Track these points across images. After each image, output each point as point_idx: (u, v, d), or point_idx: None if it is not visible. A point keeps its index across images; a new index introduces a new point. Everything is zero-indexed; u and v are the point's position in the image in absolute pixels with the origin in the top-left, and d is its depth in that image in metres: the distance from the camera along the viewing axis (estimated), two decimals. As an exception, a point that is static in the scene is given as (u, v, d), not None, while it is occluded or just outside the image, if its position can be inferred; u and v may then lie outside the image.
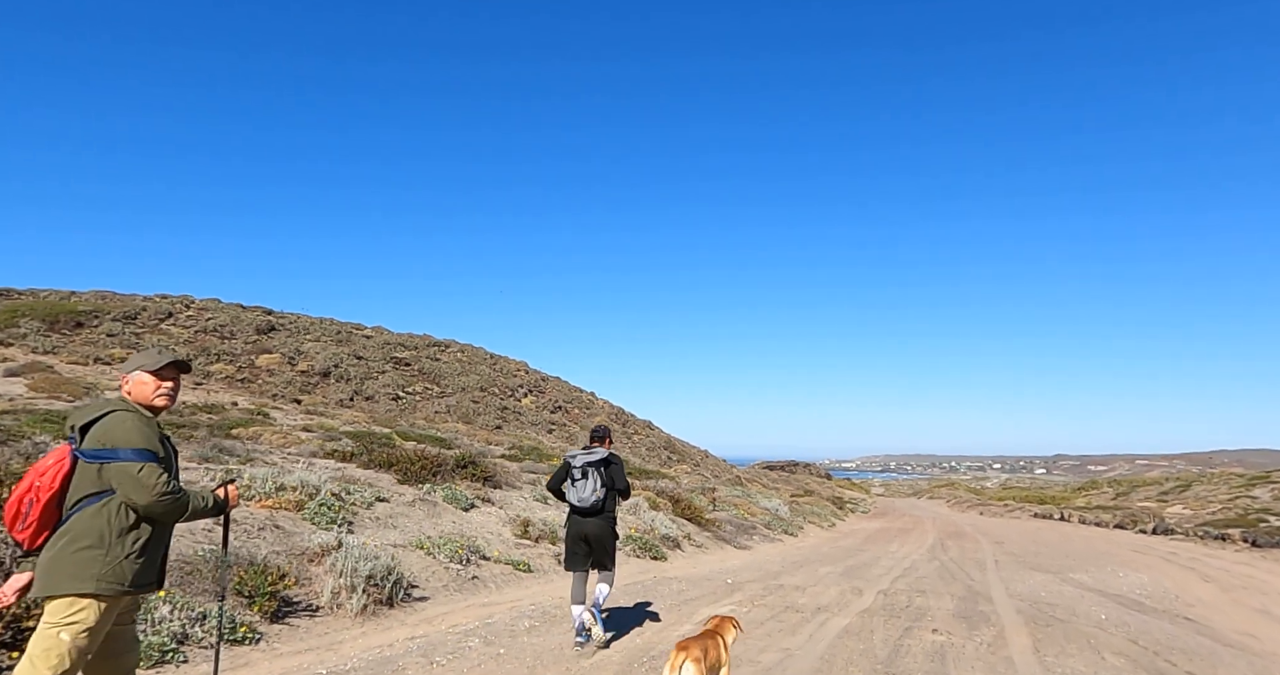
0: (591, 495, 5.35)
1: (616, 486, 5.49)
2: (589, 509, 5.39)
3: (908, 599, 8.48)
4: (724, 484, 28.54)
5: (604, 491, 5.38)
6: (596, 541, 5.43)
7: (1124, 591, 10.10)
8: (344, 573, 5.65)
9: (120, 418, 2.55)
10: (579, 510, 5.42)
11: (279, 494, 7.27)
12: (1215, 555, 17.39)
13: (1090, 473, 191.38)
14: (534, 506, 11.93)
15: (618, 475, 5.50)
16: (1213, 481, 52.36)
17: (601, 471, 5.41)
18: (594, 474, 5.39)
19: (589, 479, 5.38)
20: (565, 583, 8.33)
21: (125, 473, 2.48)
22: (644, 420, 37.91)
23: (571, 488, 5.47)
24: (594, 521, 5.43)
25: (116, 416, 2.55)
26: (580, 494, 5.39)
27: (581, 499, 5.38)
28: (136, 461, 2.49)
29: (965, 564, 13.58)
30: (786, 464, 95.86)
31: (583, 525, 5.44)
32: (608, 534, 5.48)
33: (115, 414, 2.56)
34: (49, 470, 2.47)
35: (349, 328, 32.51)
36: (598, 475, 5.39)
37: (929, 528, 25.45)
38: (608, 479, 5.42)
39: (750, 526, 17.55)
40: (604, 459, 5.46)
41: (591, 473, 5.40)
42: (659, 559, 11.38)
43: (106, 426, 2.51)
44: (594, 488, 5.36)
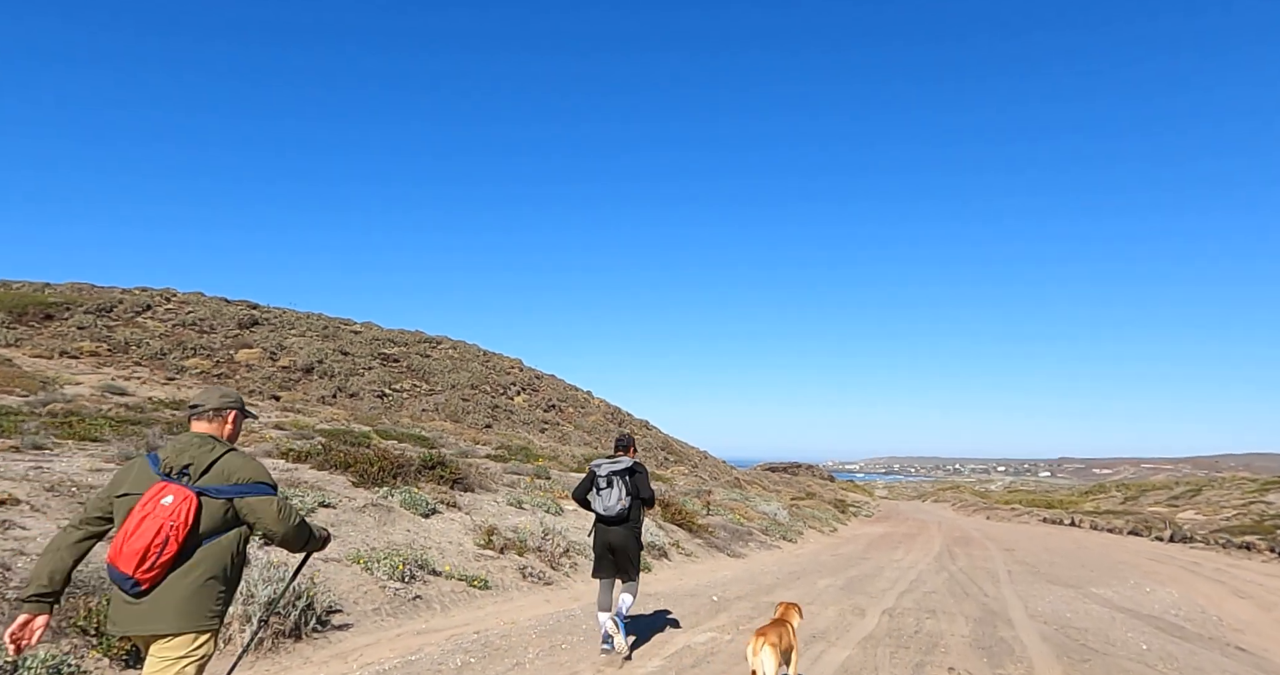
0: (617, 504, 5.40)
1: (642, 495, 5.55)
2: (614, 518, 5.43)
3: (916, 622, 7.46)
4: (722, 486, 27.52)
5: (629, 500, 5.44)
6: (621, 551, 5.49)
7: (1158, 612, 9.06)
8: (237, 596, 4.65)
9: (240, 456, 2.71)
10: (605, 519, 5.47)
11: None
12: (1240, 566, 16.31)
13: (1095, 476, 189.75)
14: (507, 512, 10.94)
15: (643, 484, 5.54)
16: (1224, 486, 51.15)
17: (627, 480, 5.46)
18: (619, 483, 5.44)
19: (615, 488, 5.43)
20: (526, 602, 7.35)
21: (265, 504, 2.67)
22: (641, 420, 36.91)
23: (597, 497, 5.50)
24: (619, 530, 5.48)
25: (235, 455, 2.71)
26: (606, 503, 5.43)
27: (607, 508, 5.42)
28: (273, 495, 2.70)
29: (977, 575, 12.54)
30: (789, 466, 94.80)
31: (608, 534, 5.50)
32: (632, 543, 5.54)
33: (232, 454, 2.71)
34: (177, 510, 2.51)
35: (336, 323, 31.57)
36: (623, 484, 5.44)
37: (935, 533, 24.38)
38: (633, 488, 5.48)
39: (746, 532, 16.53)
40: (629, 468, 5.50)
41: (617, 481, 5.44)
42: (642, 570, 10.37)
43: (232, 465, 2.66)
44: (619, 497, 5.41)
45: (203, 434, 2.73)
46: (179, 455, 2.64)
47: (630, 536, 5.51)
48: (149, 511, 2.50)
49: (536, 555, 8.94)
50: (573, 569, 9.19)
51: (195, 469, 2.61)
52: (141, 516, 2.49)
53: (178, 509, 2.51)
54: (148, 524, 2.48)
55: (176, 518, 2.50)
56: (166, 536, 2.48)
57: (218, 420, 2.80)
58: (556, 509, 12.04)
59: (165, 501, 2.51)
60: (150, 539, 2.47)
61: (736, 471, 38.91)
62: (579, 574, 9.15)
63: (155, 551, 2.47)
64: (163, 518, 2.48)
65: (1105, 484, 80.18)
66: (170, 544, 2.49)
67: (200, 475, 2.61)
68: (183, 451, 2.65)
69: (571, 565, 9.27)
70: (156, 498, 2.53)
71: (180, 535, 2.51)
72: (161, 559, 2.48)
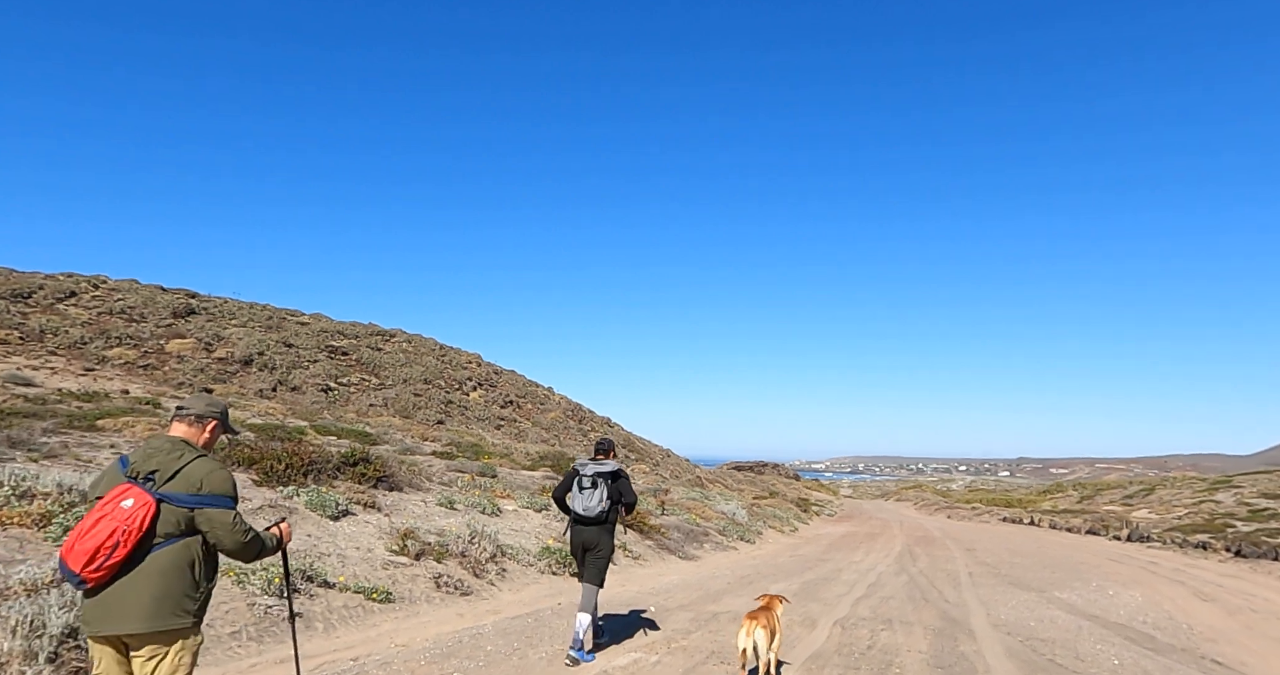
0: (597, 505, 5.44)
1: (625, 500, 5.63)
2: (593, 519, 5.46)
3: (870, 634, 6.77)
4: (682, 485, 26.82)
5: (609, 504, 5.48)
6: (592, 548, 5.52)
7: (1125, 618, 8.53)
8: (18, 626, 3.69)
9: (208, 463, 2.72)
10: (581, 519, 5.50)
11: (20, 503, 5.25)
12: (1199, 566, 16.13)
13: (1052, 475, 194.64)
14: (434, 513, 10.01)
15: (626, 489, 5.62)
16: (1175, 485, 52.22)
17: (610, 484, 5.50)
18: (603, 485, 5.47)
19: (598, 489, 5.46)
20: (433, 617, 6.45)
21: (221, 517, 2.67)
22: (603, 417, 36.04)
23: (578, 496, 5.51)
24: (593, 530, 5.51)
25: (203, 462, 2.71)
26: (586, 503, 5.46)
27: (587, 508, 5.44)
28: (230, 508, 2.70)
29: (937, 578, 11.99)
30: (755, 465, 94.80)
31: (581, 533, 5.53)
32: (605, 541, 5.55)
33: (201, 461, 2.71)
34: (134, 514, 2.53)
35: (282, 314, 30.04)
36: (606, 487, 5.47)
37: (896, 533, 24.01)
38: (615, 492, 5.53)
39: (702, 533, 15.81)
40: (615, 472, 5.56)
41: (601, 483, 5.47)
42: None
43: (198, 472, 2.67)
44: (600, 498, 5.45)
45: (176, 439, 2.76)
46: (147, 460, 2.67)
47: (604, 534, 5.53)
48: (106, 513, 2.52)
49: (458, 561, 8.04)
50: (500, 576, 8.32)
51: (161, 475, 2.63)
52: (99, 517, 2.51)
53: (134, 514, 2.53)
54: (103, 525, 2.50)
55: (131, 523, 2.51)
56: (118, 540, 2.49)
57: (197, 426, 2.83)
58: (493, 509, 11.14)
59: (125, 505, 2.54)
60: (102, 540, 2.47)
61: (699, 470, 38.30)
62: (507, 582, 8.28)
63: (105, 553, 2.48)
64: (118, 521, 2.50)
65: (1062, 483, 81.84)
66: (120, 549, 2.50)
67: (165, 481, 2.63)
68: (151, 457, 2.68)
69: (499, 572, 8.40)
70: (117, 500, 2.55)
71: (131, 540, 2.51)
72: (110, 561, 2.49)
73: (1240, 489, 39.56)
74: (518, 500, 12.47)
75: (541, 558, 9.44)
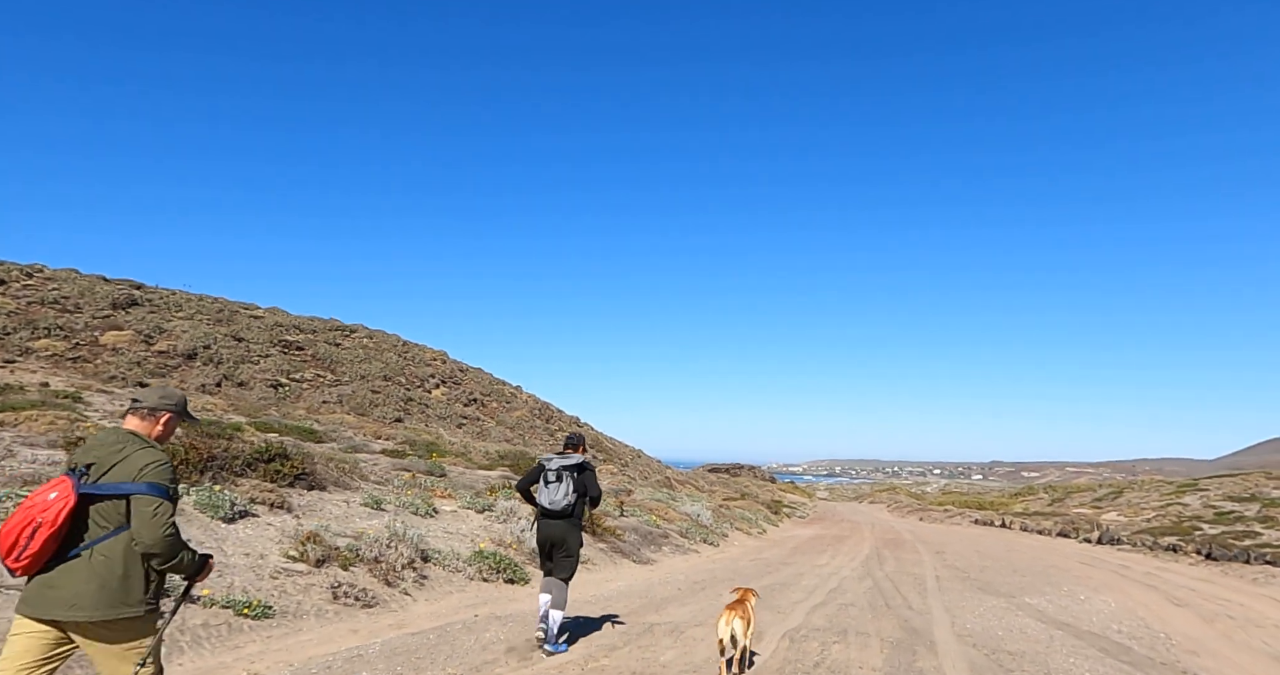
0: (563, 498, 5.48)
1: (590, 493, 5.66)
2: (558, 512, 5.49)
3: (821, 648, 6.04)
4: (649, 486, 26.04)
5: (575, 496, 5.51)
6: (560, 544, 5.56)
7: (1099, 627, 7.91)
8: None
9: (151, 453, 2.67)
10: (548, 513, 5.53)
11: None
12: (1170, 569, 15.73)
13: (1024, 479, 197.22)
14: (355, 514, 9.12)
15: (590, 482, 5.65)
16: (1144, 488, 52.55)
17: (575, 477, 5.54)
18: (568, 478, 5.51)
19: (563, 483, 5.50)
20: (316, 635, 5.59)
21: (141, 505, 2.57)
22: (571, 416, 35.15)
23: (544, 490, 5.56)
24: (560, 524, 5.54)
25: (147, 451, 2.66)
26: (551, 497, 5.49)
27: (553, 501, 5.48)
28: (154, 497, 2.59)
29: (903, 583, 11.34)
30: (731, 467, 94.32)
31: (549, 528, 5.56)
32: (573, 536, 5.59)
33: (145, 451, 2.66)
34: (51, 506, 2.50)
35: (235, 307, 28.72)
36: (571, 480, 5.51)
37: (866, 535, 23.47)
38: (580, 485, 5.55)
39: (661, 535, 15.04)
40: (579, 464, 5.59)
41: (566, 477, 5.52)
42: (516, 582, 8.71)
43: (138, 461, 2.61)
44: (565, 492, 5.49)
45: (124, 431, 2.74)
46: (86, 453, 2.66)
47: (571, 529, 5.54)
48: (33, 503, 2.52)
49: (369, 568, 7.17)
50: (418, 584, 7.46)
51: (96, 469, 2.60)
52: (23, 506, 2.52)
53: (52, 506, 2.50)
54: (18, 515, 2.50)
55: (46, 515, 2.49)
56: (34, 530, 2.47)
57: (150, 419, 2.79)
58: (428, 510, 10.27)
59: (49, 497, 2.52)
60: (19, 531, 2.48)
61: (670, 471, 37.56)
62: (425, 590, 7.43)
63: (22, 543, 2.47)
64: (35, 512, 2.49)
65: (1033, 486, 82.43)
66: (34, 541, 2.47)
67: (102, 474, 2.60)
68: (90, 450, 2.67)
69: (417, 579, 7.54)
70: (46, 491, 2.55)
71: (45, 534, 2.48)
72: (29, 551, 2.48)
73: (1206, 492, 39.80)
74: (459, 500, 11.60)
75: (473, 562, 8.60)
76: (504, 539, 10.00)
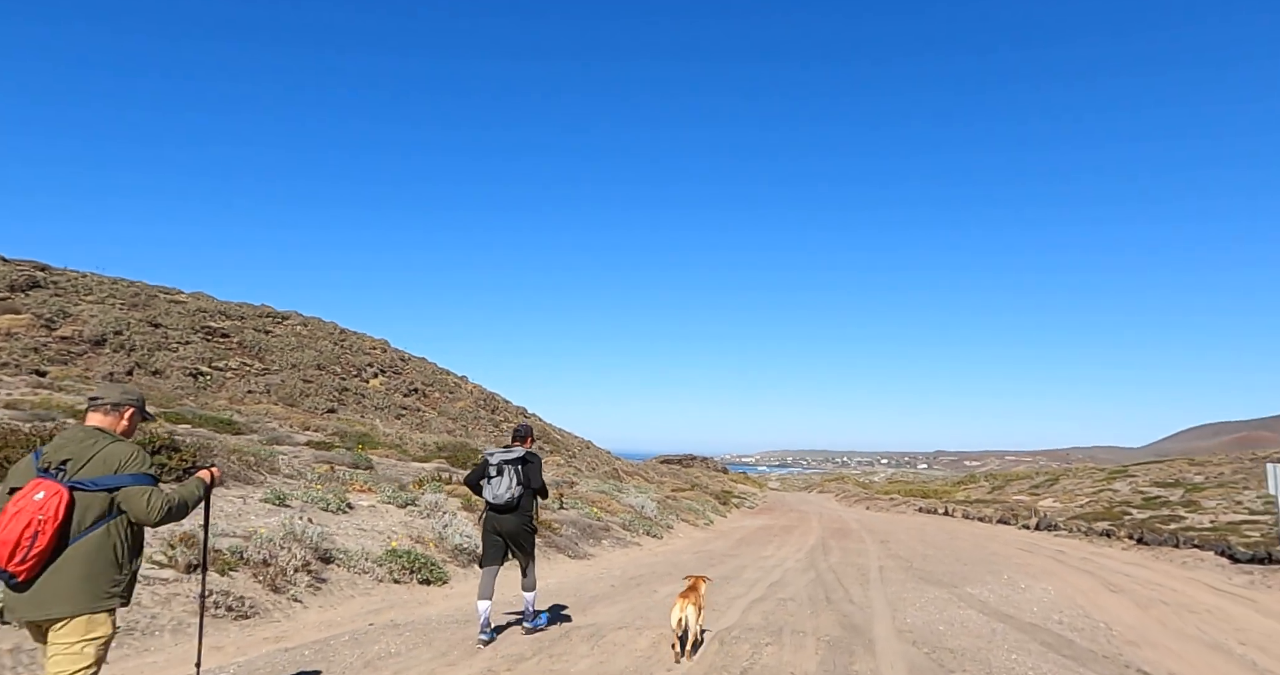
0: (506, 492, 5.48)
1: (533, 485, 5.63)
2: (504, 506, 5.51)
3: (752, 651, 5.55)
4: (596, 477, 25.47)
5: (520, 489, 5.51)
6: (512, 538, 5.60)
7: (1039, 618, 7.68)
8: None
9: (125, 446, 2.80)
10: (494, 507, 5.55)
11: None
12: (1104, 554, 15.97)
13: (967, 467, 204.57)
14: (251, 511, 8.24)
15: (534, 474, 5.63)
16: (1077, 475, 54.58)
17: (519, 469, 5.55)
18: (510, 472, 5.52)
19: (505, 477, 5.51)
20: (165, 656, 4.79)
21: (136, 495, 2.72)
22: (518, 407, 34.26)
23: (488, 485, 5.57)
24: (509, 518, 5.56)
25: (120, 445, 2.79)
26: (495, 491, 5.51)
27: (496, 496, 5.50)
28: (146, 486, 2.75)
29: (846, 575, 11.05)
30: (684, 458, 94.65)
31: (497, 521, 5.57)
32: (523, 530, 5.62)
33: (118, 444, 2.79)
34: (47, 504, 2.56)
35: (153, 291, 26.85)
36: (514, 473, 5.53)
37: (814, 525, 23.43)
38: (524, 477, 5.56)
39: (602, 528, 14.46)
40: (521, 458, 5.59)
41: (509, 470, 5.52)
42: (433, 582, 8.00)
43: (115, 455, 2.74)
44: (509, 486, 5.49)
45: (90, 428, 2.81)
46: (58, 451, 2.71)
47: (521, 524, 5.57)
48: (20, 507, 2.55)
49: (254, 572, 6.36)
50: (313, 589, 6.68)
51: (73, 464, 2.68)
52: (13, 512, 2.54)
53: (47, 504, 2.56)
54: (17, 520, 2.53)
55: (45, 512, 2.55)
56: (36, 531, 2.53)
57: (114, 414, 2.88)
58: (340, 505, 9.43)
59: (36, 497, 2.57)
60: (19, 533, 2.52)
61: (620, 462, 37.06)
62: (322, 595, 6.66)
63: (25, 545, 2.52)
64: (31, 513, 2.54)
65: (975, 474, 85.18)
66: (40, 538, 2.54)
67: (79, 469, 2.68)
68: (62, 447, 2.72)
69: (313, 583, 6.75)
70: (30, 493, 2.59)
71: (50, 529, 2.55)
72: (33, 552, 2.53)
73: (1135, 478, 41.47)
74: (380, 494, 10.77)
75: (384, 562, 7.84)
76: (424, 536, 9.25)
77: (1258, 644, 6.92)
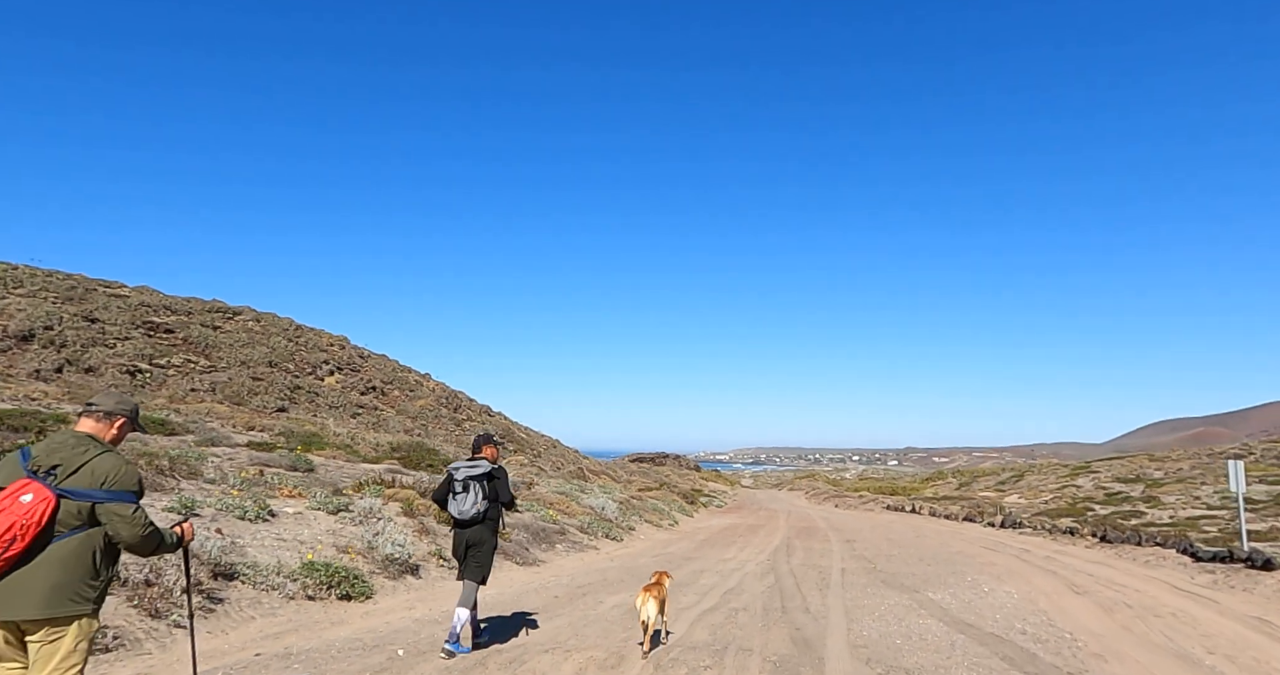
0: (471, 508, 5.47)
1: (501, 500, 5.65)
2: (469, 521, 5.51)
3: (689, 676, 4.99)
4: (560, 477, 24.82)
5: (485, 504, 5.53)
6: (474, 542, 5.54)
7: (1002, 627, 7.27)
8: None
9: (114, 458, 2.81)
10: (460, 523, 5.56)
11: None
12: (1068, 552, 15.80)
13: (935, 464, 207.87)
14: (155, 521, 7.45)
15: (502, 489, 5.62)
16: (1042, 472, 55.34)
17: (484, 485, 5.54)
18: (475, 487, 5.49)
19: (470, 493, 5.49)
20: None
21: (121, 511, 2.74)
22: (482, 405, 33.42)
23: (453, 500, 5.56)
24: (476, 529, 5.55)
25: (109, 457, 2.80)
26: (461, 507, 5.49)
27: (462, 512, 5.49)
28: (131, 503, 2.78)
29: (806, 579, 10.60)
30: (656, 456, 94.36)
31: (463, 534, 5.57)
32: (483, 540, 5.56)
33: (107, 456, 2.79)
34: (35, 508, 2.59)
35: (92, 284, 25.48)
36: (480, 488, 5.51)
37: (780, 524, 23.08)
38: (491, 492, 5.58)
39: (557, 532, 13.86)
40: (487, 473, 5.57)
41: (474, 486, 5.49)
42: (355, 598, 7.31)
43: (103, 467, 2.74)
44: (474, 502, 5.48)
45: (82, 434, 2.84)
46: (49, 455, 2.73)
47: (486, 532, 5.56)
48: (5, 507, 2.56)
49: (131, 594, 5.61)
50: (206, 611, 5.95)
51: (63, 470, 2.69)
52: None
53: (33, 508, 2.58)
54: (1, 519, 2.53)
55: (30, 517, 2.56)
56: (15, 534, 2.54)
57: (105, 422, 2.92)
58: (260, 514, 8.65)
59: (24, 499, 2.59)
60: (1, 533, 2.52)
61: (587, 461, 36.42)
62: (213, 620, 5.94)
63: (3, 546, 2.52)
64: (16, 515, 2.55)
65: (943, 471, 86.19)
66: (19, 541, 2.55)
67: (68, 476, 2.69)
68: (54, 451, 2.75)
69: (206, 603, 6.03)
70: (16, 495, 2.60)
71: (30, 534, 2.56)
72: (8, 554, 2.54)
73: (1097, 474, 42.04)
74: (310, 499, 10.02)
75: (298, 577, 7.13)
76: (351, 545, 8.55)
77: (1225, 652, 6.58)
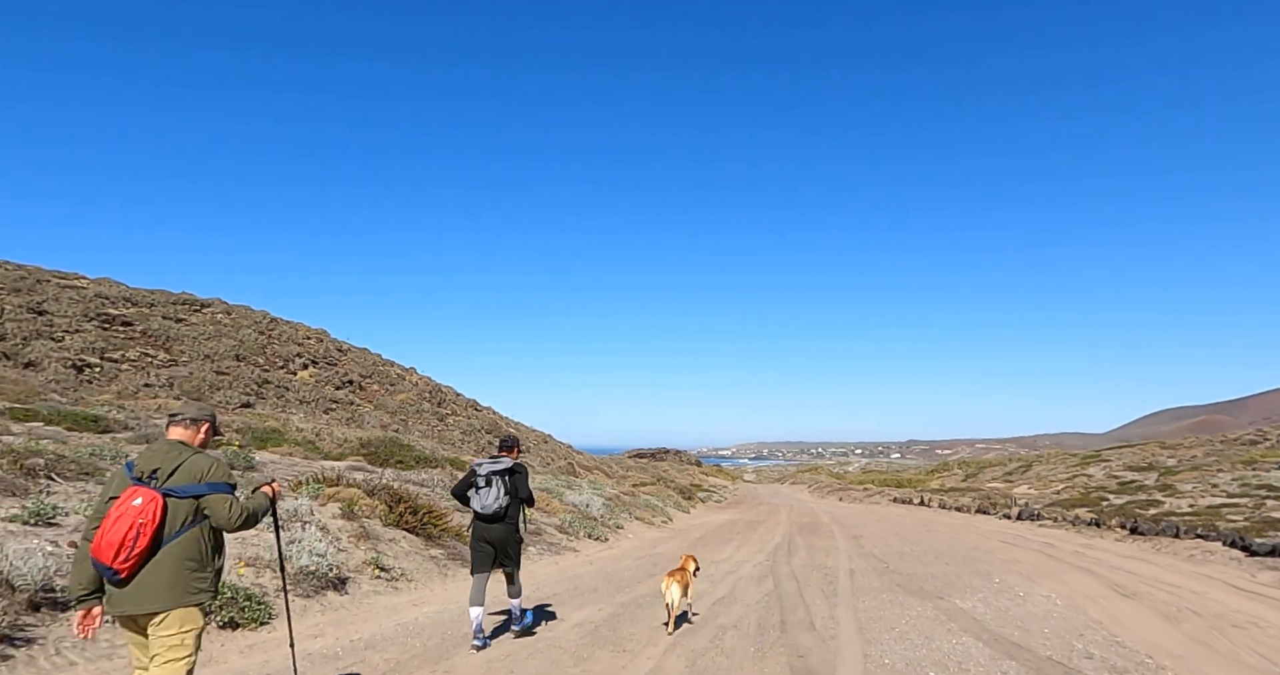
0: (494, 503, 5.61)
1: (520, 496, 5.78)
2: (491, 516, 5.66)
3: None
4: (549, 473, 23.36)
5: (507, 500, 5.67)
6: (500, 544, 5.71)
7: (1057, 646, 5.81)
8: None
9: (206, 458, 3.20)
10: (482, 517, 5.70)
11: None
12: (1096, 546, 14.34)
13: (939, 456, 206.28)
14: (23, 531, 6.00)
15: (521, 485, 5.78)
16: (1050, 461, 53.84)
17: (506, 480, 5.69)
18: (498, 483, 5.66)
19: (493, 487, 5.64)
20: None
21: (219, 502, 3.12)
22: (468, 399, 31.95)
23: (475, 495, 5.69)
24: (497, 527, 5.70)
25: (201, 457, 3.19)
26: (484, 501, 5.63)
27: (485, 506, 5.62)
28: (227, 494, 3.15)
29: (810, 583, 9.15)
30: (657, 452, 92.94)
31: (485, 530, 5.69)
32: (511, 538, 5.76)
33: (199, 456, 3.19)
34: (146, 509, 2.96)
35: (44, 275, 23.98)
36: (502, 484, 5.66)
37: (781, 519, 21.62)
38: (512, 488, 5.71)
39: (533, 532, 12.40)
40: (509, 468, 5.74)
41: (496, 481, 5.65)
42: (245, 624, 5.81)
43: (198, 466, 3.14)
44: (497, 496, 5.62)
45: (174, 441, 3.22)
46: (148, 462, 3.12)
47: (509, 532, 5.71)
48: (122, 512, 2.94)
49: None
50: (4, 659, 4.48)
51: (163, 473, 3.07)
52: (116, 516, 2.93)
53: (145, 508, 2.95)
54: (121, 522, 2.91)
55: (145, 515, 2.94)
56: (137, 532, 2.90)
57: (192, 428, 3.29)
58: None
59: (135, 502, 2.96)
60: (123, 535, 2.88)
61: (580, 456, 34.97)
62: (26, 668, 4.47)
63: (129, 545, 2.89)
64: (133, 516, 2.93)
65: (948, 463, 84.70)
66: (141, 539, 2.91)
67: (167, 478, 3.05)
68: (151, 459, 3.14)
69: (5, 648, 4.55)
70: (129, 500, 2.97)
71: (149, 530, 2.92)
72: (135, 551, 2.91)
73: (1108, 463, 40.59)
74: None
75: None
76: (261, 556, 7.06)
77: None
